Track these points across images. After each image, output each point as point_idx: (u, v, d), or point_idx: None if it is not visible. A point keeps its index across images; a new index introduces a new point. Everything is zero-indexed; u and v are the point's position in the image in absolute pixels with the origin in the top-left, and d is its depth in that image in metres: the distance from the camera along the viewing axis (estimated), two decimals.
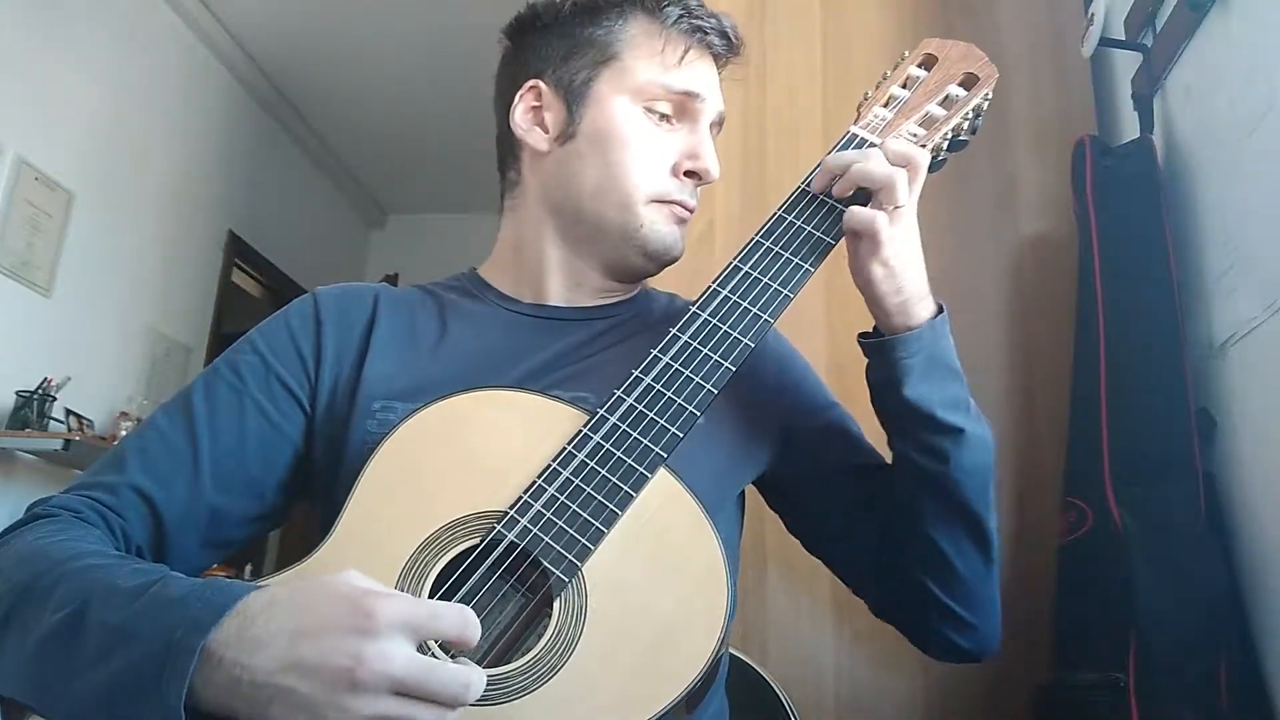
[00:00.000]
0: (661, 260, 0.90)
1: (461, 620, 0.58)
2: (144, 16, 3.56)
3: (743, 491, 0.91)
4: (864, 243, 0.77)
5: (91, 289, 3.26)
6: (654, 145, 0.87)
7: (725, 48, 0.91)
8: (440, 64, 3.93)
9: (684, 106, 0.88)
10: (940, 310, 0.82)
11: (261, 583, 0.61)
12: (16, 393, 2.89)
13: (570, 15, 0.90)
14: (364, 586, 0.58)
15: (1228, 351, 1.16)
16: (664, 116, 0.88)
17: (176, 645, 0.56)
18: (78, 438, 2.85)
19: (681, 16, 0.88)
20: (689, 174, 0.88)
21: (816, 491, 0.91)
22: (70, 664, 0.60)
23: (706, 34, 0.89)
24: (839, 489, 0.90)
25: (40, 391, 2.90)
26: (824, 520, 0.92)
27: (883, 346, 0.80)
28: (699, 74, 0.89)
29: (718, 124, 0.93)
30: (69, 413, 3.01)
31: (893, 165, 0.77)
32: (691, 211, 0.90)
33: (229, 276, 4.14)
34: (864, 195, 0.79)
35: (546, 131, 0.90)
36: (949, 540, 0.82)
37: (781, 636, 1.42)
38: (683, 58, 0.87)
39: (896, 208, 0.77)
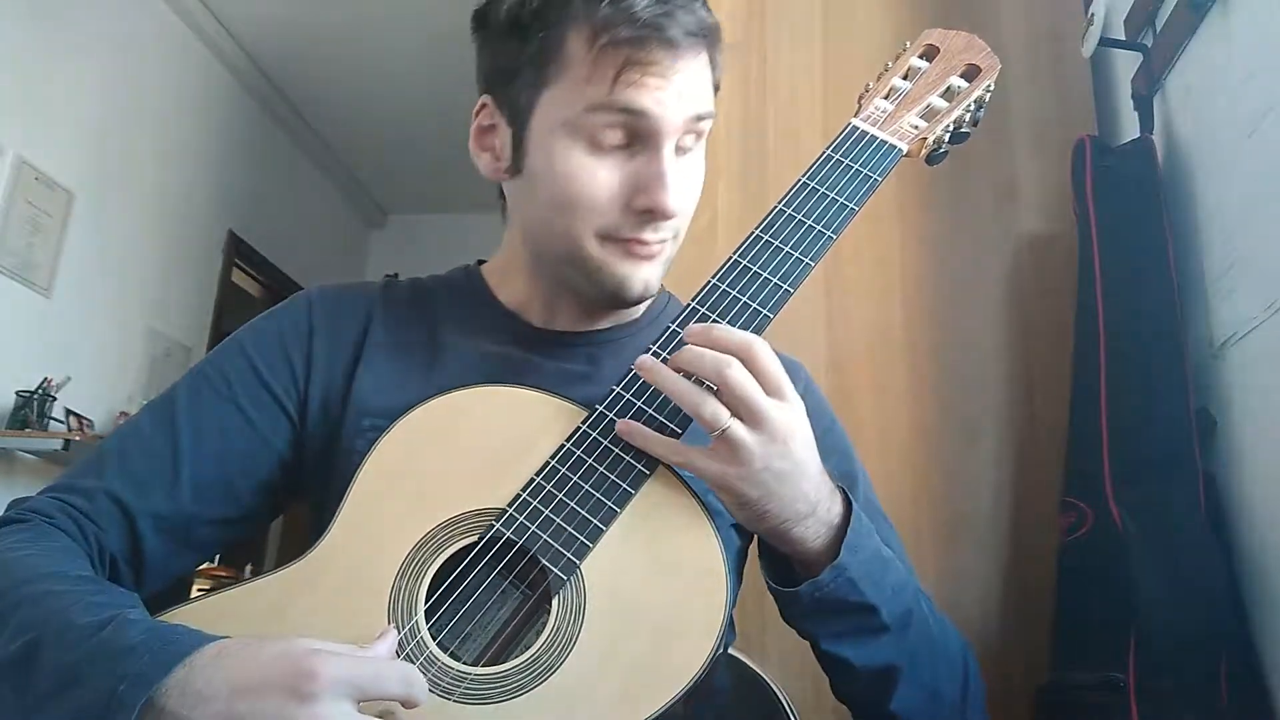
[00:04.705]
0: (624, 302, 0.83)
1: (405, 679, 0.57)
2: (144, 17, 3.56)
3: None
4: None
5: (91, 289, 3.26)
6: (600, 181, 0.77)
7: (690, 35, 0.75)
8: (441, 64, 3.91)
9: (635, 129, 0.76)
10: (847, 506, 0.72)
11: (217, 632, 0.60)
12: (16, 393, 2.89)
13: (507, 27, 0.79)
14: (311, 646, 0.57)
15: (1228, 351, 1.15)
16: (616, 145, 0.77)
17: (119, 700, 0.55)
18: (78, 438, 2.86)
19: (611, 27, 0.73)
20: (644, 209, 0.78)
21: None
22: (23, 698, 0.59)
23: (645, 41, 0.74)
24: None
25: (40, 391, 2.90)
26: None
27: (777, 593, 0.74)
28: (643, 88, 0.74)
29: (694, 130, 0.79)
30: (69, 413, 3.01)
31: (706, 377, 0.67)
32: (650, 246, 0.80)
33: (229, 276, 4.16)
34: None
35: (497, 159, 0.83)
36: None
37: (781, 637, 1.41)
38: (619, 75, 0.74)
39: (719, 433, 0.66)
